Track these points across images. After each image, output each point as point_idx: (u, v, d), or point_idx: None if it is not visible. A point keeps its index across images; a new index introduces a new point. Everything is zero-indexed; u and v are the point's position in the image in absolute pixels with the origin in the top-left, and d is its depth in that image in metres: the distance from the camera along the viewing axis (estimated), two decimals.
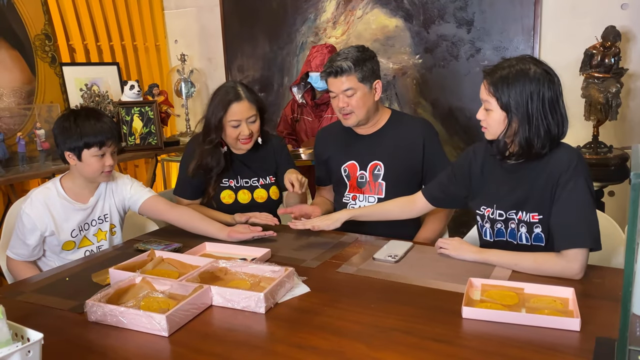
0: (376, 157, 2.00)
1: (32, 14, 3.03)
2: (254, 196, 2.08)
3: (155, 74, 3.85)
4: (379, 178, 1.99)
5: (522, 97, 1.42)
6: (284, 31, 3.44)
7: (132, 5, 3.67)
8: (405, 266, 1.55)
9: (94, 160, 1.76)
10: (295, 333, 1.18)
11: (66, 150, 1.76)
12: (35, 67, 3.04)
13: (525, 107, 1.42)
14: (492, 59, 2.81)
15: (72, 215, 1.82)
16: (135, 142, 3.15)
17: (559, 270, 1.39)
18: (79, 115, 1.79)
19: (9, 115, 2.85)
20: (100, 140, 1.75)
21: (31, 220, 1.75)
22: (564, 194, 1.42)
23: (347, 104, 1.91)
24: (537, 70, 1.42)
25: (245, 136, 1.98)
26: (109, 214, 1.90)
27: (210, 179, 2.05)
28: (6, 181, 2.62)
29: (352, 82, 1.89)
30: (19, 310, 1.31)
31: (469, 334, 1.15)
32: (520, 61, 1.45)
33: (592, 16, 2.54)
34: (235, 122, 1.95)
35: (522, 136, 1.44)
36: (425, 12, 2.95)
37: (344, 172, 2.05)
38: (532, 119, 1.42)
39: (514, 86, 1.42)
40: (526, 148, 1.45)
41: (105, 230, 1.90)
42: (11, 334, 0.94)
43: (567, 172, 1.42)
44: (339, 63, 1.89)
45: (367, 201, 2.00)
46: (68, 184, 1.84)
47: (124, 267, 1.48)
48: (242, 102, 1.95)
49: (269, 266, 1.43)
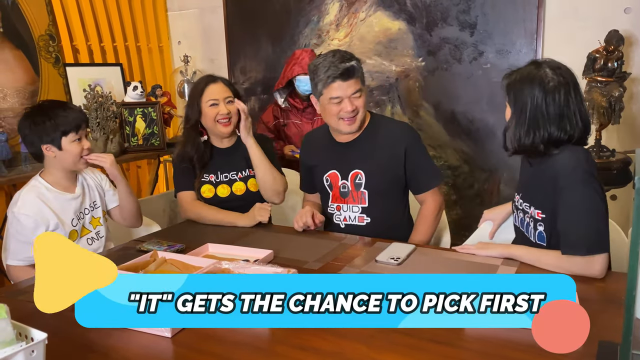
0: (356, 166, 1.93)
1: (36, 15, 3.04)
2: (232, 189, 2.13)
3: (158, 75, 3.85)
4: (360, 187, 1.94)
5: (522, 96, 1.46)
6: (287, 33, 3.44)
7: (136, 6, 3.68)
8: (408, 268, 1.55)
9: (74, 146, 1.80)
10: (296, 334, 1.18)
11: (44, 144, 1.78)
12: (39, 67, 3.05)
13: (527, 108, 1.45)
14: (495, 62, 2.81)
15: (67, 205, 1.85)
16: (138, 143, 3.16)
17: (578, 270, 1.39)
18: (45, 108, 1.82)
19: (12, 115, 2.86)
20: (76, 124, 1.80)
21: (31, 219, 1.75)
22: (562, 198, 1.42)
23: (356, 107, 1.85)
24: (547, 74, 1.44)
25: (224, 115, 2.06)
26: (97, 200, 1.96)
27: (194, 174, 2.11)
28: (9, 181, 2.62)
29: (358, 84, 1.85)
30: (22, 309, 1.30)
31: (470, 336, 1.15)
32: (534, 63, 1.50)
33: (595, 20, 2.54)
34: (212, 100, 2.06)
35: (523, 137, 1.47)
36: (428, 15, 2.96)
37: (326, 181, 1.99)
38: (527, 120, 1.45)
39: (520, 87, 1.47)
40: (517, 146, 1.49)
41: (98, 216, 1.95)
42: (15, 334, 0.95)
43: (565, 177, 1.42)
44: (347, 65, 1.81)
45: (351, 211, 1.96)
46: (50, 179, 1.86)
47: (126, 267, 1.48)
48: (217, 83, 2.09)
49: (271, 267, 1.43)
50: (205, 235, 1.88)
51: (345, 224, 1.98)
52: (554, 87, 1.44)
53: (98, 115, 2.89)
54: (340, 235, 1.89)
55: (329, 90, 1.83)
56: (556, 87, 1.44)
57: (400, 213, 2.00)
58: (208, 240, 1.74)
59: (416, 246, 1.73)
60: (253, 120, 2.15)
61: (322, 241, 1.82)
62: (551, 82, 1.44)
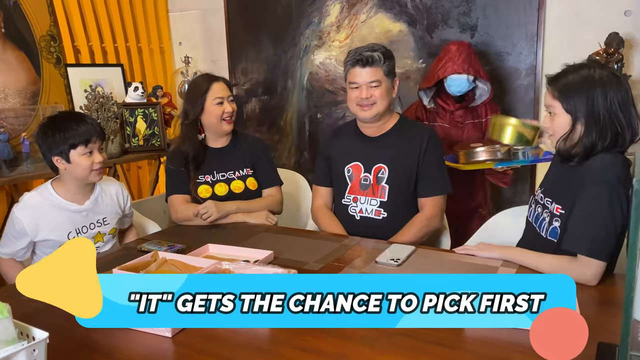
0: (381, 161, 2.00)
1: (37, 15, 3.05)
2: (230, 187, 2.15)
3: (160, 75, 3.86)
4: (382, 181, 1.99)
5: (588, 99, 1.41)
6: (288, 34, 3.45)
7: (137, 7, 3.69)
8: (408, 270, 1.55)
9: (83, 159, 1.78)
10: (299, 336, 1.18)
11: (54, 156, 1.78)
12: (40, 67, 3.05)
13: (591, 109, 1.41)
14: (495, 64, 2.81)
15: (68, 218, 1.83)
16: (139, 144, 3.16)
17: (574, 274, 1.36)
18: (58, 120, 1.81)
19: (13, 115, 2.86)
20: (85, 138, 1.77)
21: (21, 225, 1.77)
22: (583, 196, 1.41)
23: (371, 95, 1.92)
24: (602, 73, 1.43)
25: (229, 113, 2.12)
26: (108, 217, 1.92)
27: (189, 176, 2.13)
28: (10, 181, 2.63)
29: (379, 74, 1.91)
30: (24, 309, 1.31)
31: (472, 339, 1.16)
32: (583, 66, 1.47)
33: (596, 23, 2.54)
34: (218, 99, 2.11)
35: (588, 139, 1.43)
36: (429, 17, 2.96)
37: (347, 172, 2.05)
38: (600, 121, 1.41)
39: (579, 88, 1.43)
40: (589, 151, 1.44)
41: (104, 233, 1.91)
42: (17, 333, 0.95)
43: (595, 176, 1.41)
44: (369, 53, 1.90)
45: (369, 203, 2.00)
46: (60, 189, 1.84)
47: (127, 267, 1.48)
48: (220, 82, 2.15)
49: (271, 268, 1.43)
50: (205, 235, 1.89)
51: (360, 216, 2.01)
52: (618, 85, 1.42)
53: (99, 116, 2.90)
54: (341, 237, 1.89)
55: (350, 76, 1.95)
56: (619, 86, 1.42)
57: (415, 213, 2.02)
58: (208, 241, 1.75)
59: (416, 247, 1.73)
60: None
61: (323, 242, 1.82)
62: (614, 80, 1.41)
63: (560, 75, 1.49)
